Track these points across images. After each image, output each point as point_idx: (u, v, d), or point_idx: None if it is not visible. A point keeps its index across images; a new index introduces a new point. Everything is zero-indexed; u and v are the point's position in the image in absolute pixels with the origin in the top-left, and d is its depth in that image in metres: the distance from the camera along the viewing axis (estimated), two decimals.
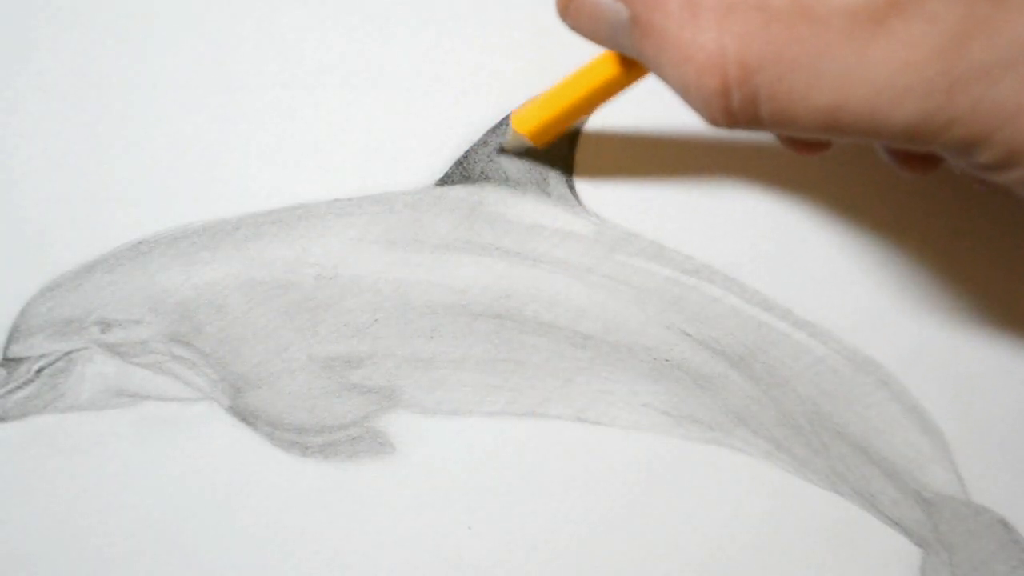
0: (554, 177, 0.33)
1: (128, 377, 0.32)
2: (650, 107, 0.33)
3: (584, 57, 0.32)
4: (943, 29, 0.22)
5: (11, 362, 0.32)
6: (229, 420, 0.31)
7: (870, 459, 0.31)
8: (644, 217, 0.33)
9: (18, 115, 0.33)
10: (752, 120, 0.24)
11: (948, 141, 0.23)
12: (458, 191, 0.33)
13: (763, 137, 0.33)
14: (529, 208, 0.33)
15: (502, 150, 0.33)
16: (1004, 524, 0.31)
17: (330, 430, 0.31)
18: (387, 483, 0.31)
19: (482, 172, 0.33)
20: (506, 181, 0.33)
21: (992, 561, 0.31)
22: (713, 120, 0.25)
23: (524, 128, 0.32)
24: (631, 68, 0.28)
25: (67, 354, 0.32)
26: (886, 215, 0.33)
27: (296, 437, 0.31)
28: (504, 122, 0.33)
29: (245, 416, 0.31)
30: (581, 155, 0.33)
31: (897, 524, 0.31)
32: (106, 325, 0.32)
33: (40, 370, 0.32)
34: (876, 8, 0.23)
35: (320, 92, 0.34)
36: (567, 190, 0.33)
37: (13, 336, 0.32)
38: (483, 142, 0.33)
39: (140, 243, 0.32)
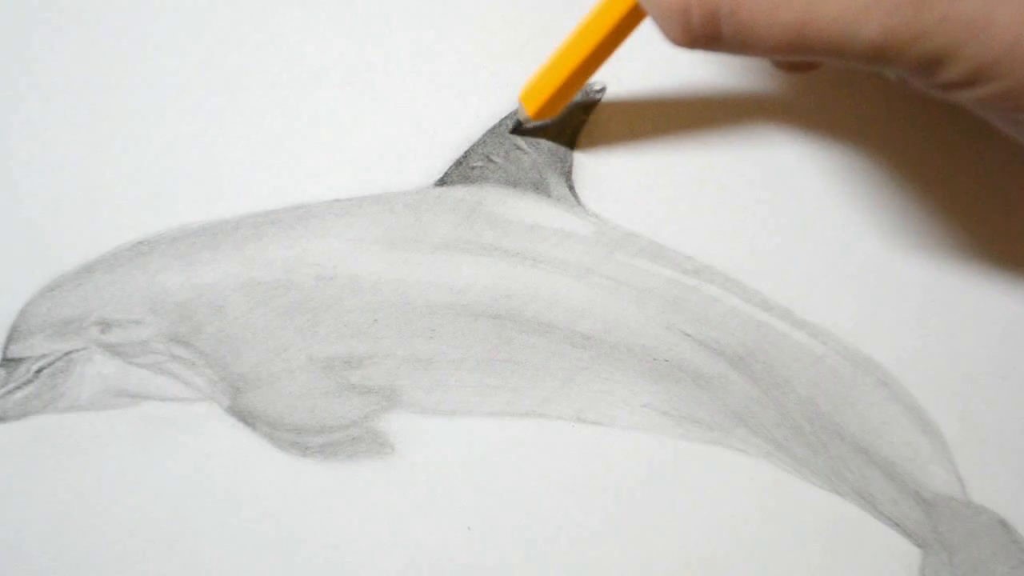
0: (554, 177, 0.33)
1: (128, 377, 0.32)
2: (650, 107, 0.33)
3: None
4: None
5: (11, 362, 0.32)
6: (229, 420, 0.31)
7: (870, 459, 0.31)
8: (644, 217, 0.33)
9: (18, 115, 0.33)
10: (712, 39, 0.23)
11: (914, 57, 0.23)
12: (458, 191, 0.33)
13: (764, 136, 0.33)
14: (529, 208, 0.33)
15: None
16: (1004, 524, 0.31)
17: (330, 430, 0.31)
18: (387, 483, 0.31)
19: (482, 172, 0.33)
20: (506, 181, 0.33)
21: (992, 561, 0.31)
22: (673, 39, 0.24)
23: (536, 101, 0.32)
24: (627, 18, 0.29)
25: (67, 354, 0.32)
26: (886, 215, 0.33)
27: (296, 437, 0.31)
28: (508, 119, 0.33)
29: (245, 416, 0.31)
30: (581, 155, 0.33)
31: (897, 524, 0.31)
32: (106, 325, 0.32)
33: (40, 370, 0.32)
34: None
35: (320, 92, 0.34)
36: (567, 190, 0.33)
37: (13, 336, 0.32)
38: (483, 142, 0.33)
39: (140, 243, 0.32)
